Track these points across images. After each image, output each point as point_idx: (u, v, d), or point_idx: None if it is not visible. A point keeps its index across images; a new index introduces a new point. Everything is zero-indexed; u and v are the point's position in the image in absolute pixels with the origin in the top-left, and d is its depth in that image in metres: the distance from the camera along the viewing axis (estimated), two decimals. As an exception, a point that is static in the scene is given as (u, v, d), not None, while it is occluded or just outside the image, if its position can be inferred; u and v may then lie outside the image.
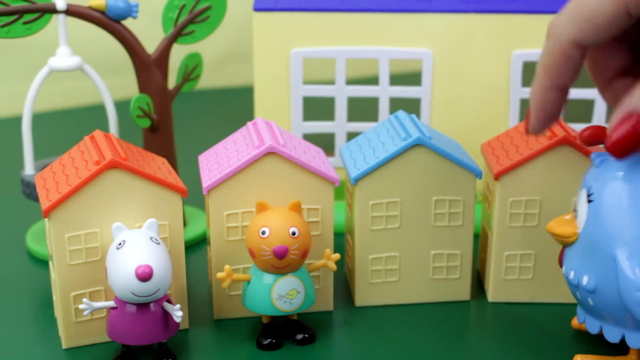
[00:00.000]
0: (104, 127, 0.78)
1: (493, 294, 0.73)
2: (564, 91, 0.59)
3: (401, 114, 0.73)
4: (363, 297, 0.73)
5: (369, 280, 0.72)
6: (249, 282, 0.67)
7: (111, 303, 0.64)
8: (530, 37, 0.79)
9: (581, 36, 0.57)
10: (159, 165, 0.69)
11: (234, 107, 1.10)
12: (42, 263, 0.79)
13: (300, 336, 0.68)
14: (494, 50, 0.81)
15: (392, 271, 0.72)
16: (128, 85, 0.95)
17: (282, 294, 0.66)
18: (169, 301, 0.65)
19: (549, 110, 0.59)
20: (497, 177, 0.70)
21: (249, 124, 0.72)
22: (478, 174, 0.70)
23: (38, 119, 0.88)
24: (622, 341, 0.62)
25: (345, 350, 0.68)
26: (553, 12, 0.77)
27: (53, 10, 0.74)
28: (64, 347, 0.68)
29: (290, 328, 0.68)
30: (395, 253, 0.72)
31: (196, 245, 0.82)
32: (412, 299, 0.73)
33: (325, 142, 0.81)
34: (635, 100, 0.56)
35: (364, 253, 0.71)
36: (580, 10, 0.57)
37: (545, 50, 0.59)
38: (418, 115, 0.81)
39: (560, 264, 0.65)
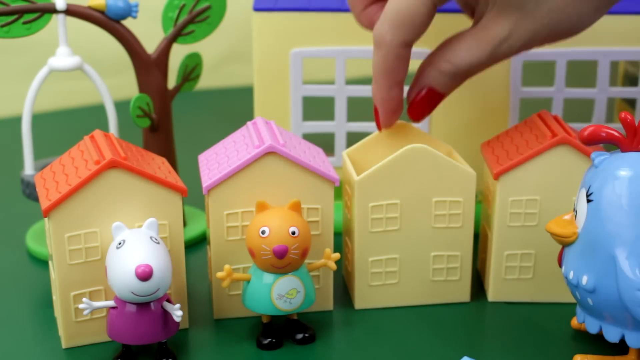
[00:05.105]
0: (104, 127, 0.78)
1: (493, 294, 0.73)
2: (402, 86, 0.70)
3: None
4: (362, 300, 0.72)
5: (368, 283, 0.72)
6: (248, 281, 0.67)
7: (111, 302, 0.64)
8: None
9: (408, 38, 0.67)
10: (158, 165, 0.69)
11: (234, 107, 1.10)
12: (42, 263, 0.79)
13: (300, 336, 0.68)
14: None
15: (392, 273, 0.72)
16: (128, 85, 0.95)
17: (282, 294, 0.66)
18: (168, 301, 0.65)
19: (394, 106, 0.70)
20: (497, 176, 0.70)
21: (249, 123, 0.72)
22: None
23: (38, 119, 0.88)
24: (622, 341, 0.62)
25: (345, 350, 0.68)
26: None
27: (53, 10, 0.74)
28: (63, 346, 0.68)
29: (290, 328, 0.68)
30: (395, 255, 0.72)
31: (196, 245, 0.82)
32: (412, 301, 0.73)
33: (325, 142, 0.81)
34: (427, 78, 0.69)
35: (364, 255, 0.71)
36: (400, 16, 0.66)
37: (379, 56, 0.68)
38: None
39: (560, 264, 0.65)
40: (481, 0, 0.65)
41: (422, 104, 0.70)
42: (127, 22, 0.77)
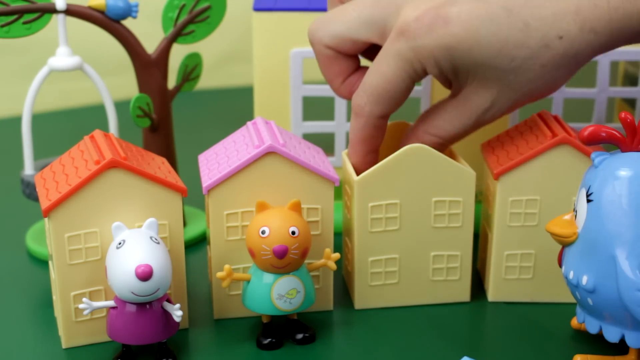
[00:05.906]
0: (104, 127, 0.78)
1: (493, 294, 0.73)
2: (377, 152, 0.72)
3: None
4: (363, 300, 0.72)
5: (368, 283, 0.72)
6: (248, 281, 0.67)
7: (111, 302, 0.64)
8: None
9: (386, 110, 0.69)
10: (158, 165, 0.69)
11: (234, 107, 1.10)
12: (42, 263, 0.79)
13: (300, 336, 0.68)
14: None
15: (392, 273, 0.72)
16: (128, 85, 0.95)
17: (282, 294, 0.66)
18: (168, 300, 0.65)
19: (368, 167, 0.70)
20: (497, 176, 0.70)
21: (249, 123, 0.72)
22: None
23: (38, 119, 0.88)
24: (622, 341, 0.62)
25: (345, 350, 0.68)
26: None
27: (53, 10, 0.74)
28: (64, 346, 0.68)
29: (291, 327, 0.68)
30: (394, 255, 0.72)
31: (196, 245, 0.82)
32: (412, 301, 0.73)
33: (325, 142, 0.81)
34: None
35: (364, 255, 0.71)
36: (379, 92, 0.68)
37: (358, 125, 0.70)
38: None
39: (560, 264, 0.65)
40: (460, 73, 0.67)
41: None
42: (127, 22, 0.77)
